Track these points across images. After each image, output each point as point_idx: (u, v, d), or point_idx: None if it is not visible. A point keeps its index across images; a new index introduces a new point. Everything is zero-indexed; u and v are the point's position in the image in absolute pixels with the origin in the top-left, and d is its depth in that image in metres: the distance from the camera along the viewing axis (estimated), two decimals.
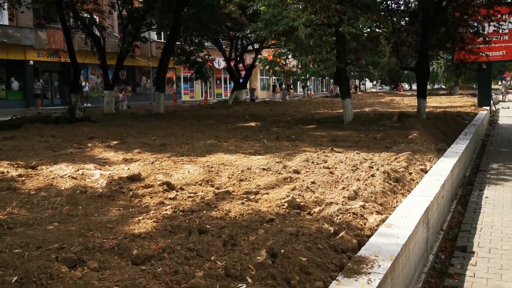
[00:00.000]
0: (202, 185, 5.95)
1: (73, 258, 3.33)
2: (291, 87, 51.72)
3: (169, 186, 5.67)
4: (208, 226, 4.09)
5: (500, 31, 18.28)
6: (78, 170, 6.67)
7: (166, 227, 4.03)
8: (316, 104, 30.21)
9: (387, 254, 3.44)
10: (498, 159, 10.78)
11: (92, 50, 20.84)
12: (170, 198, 5.24)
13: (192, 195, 5.35)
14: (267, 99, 41.27)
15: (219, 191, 5.52)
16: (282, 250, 3.39)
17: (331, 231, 3.95)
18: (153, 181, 6.05)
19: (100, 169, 6.87)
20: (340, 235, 3.90)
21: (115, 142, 10.32)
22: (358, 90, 62.29)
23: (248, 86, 40.69)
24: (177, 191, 5.54)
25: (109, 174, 6.46)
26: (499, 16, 16.06)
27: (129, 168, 7.03)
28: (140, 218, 4.39)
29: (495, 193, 7.52)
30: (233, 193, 5.50)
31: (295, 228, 3.91)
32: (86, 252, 3.45)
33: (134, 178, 6.14)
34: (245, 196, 5.26)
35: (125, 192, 5.44)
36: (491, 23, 17.06)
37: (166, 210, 4.69)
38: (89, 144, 10.09)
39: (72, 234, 3.92)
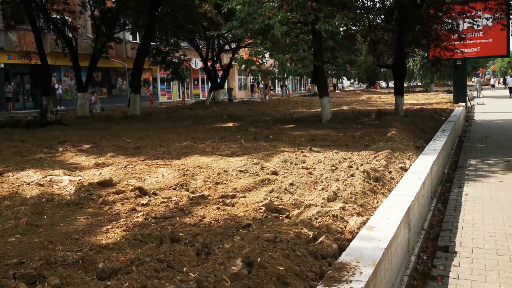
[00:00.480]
0: (177, 189, 5.71)
1: (32, 274, 3.07)
2: (271, 88, 51.60)
3: (142, 192, 5.42)
4: (181, 234, 3.87)
5: (475, 27, 18.45)
6: (46, 177, 6.34)
7: (136, 236, 3.80)
8: (294, 103, 30.14)
9: (368, 259, 3.28)
10: (475, 155, 10.80)
11: (64, 51, 20.29)
12: (142, 204, 4.99)
13: (165, 200, 5.11)
14: (246, 99, 41.06)
15: (194, 195, 5.30)
16: (259, 259, 3.19)
17: (310, 236, 3.77)
18: (125, 186, 5.78)
19: (69, 175, 6.56)
20: (319, 240, 3.73)
21: (88, 146, 9.98)
22: (336, 88, 62.61)
23: (226, 86, 40.43)
24: (150, 197, 5.30)
25: (79, 180, 6.17)
26: (473, 12, 16.20)
27: (100, 173, 6.74)
28: (109, 227, 4.14)
29: (475, 190, 7.47)
30: (209, 197, 5.28)
31: (273, 234, 3.72)
32: (47, 267, 3.19)
33: (105, 183, 5.87)
34: (221, 200, 5.05)
35: (94, 199, 5.17)
36: (466, 20, 17.21)
37: (137, 217, 4.46)
38: (60, 149, 9.72)
39: (34, 246, 3.66)
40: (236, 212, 4.58)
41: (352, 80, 75.02)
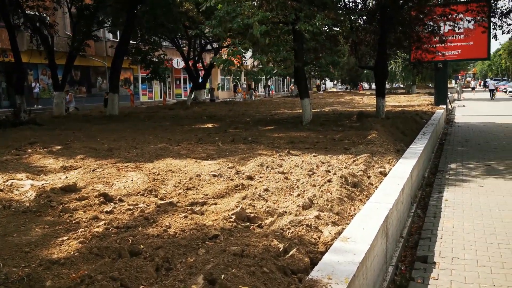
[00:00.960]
0: (145, 195, 5.42)
1: None
2: (255, 88, 51.34)
3: (106, 198, 5.11)
4: (142, 247, 3.58)
5: (456, 29, 18.47)
6: (7, 181, 6.00)
7: (92, 250, 3.49)
8: (276, 104, 29.95)
9: (341, 275, 3.04)
10: (456, 158, 10.69)
11: (39, 49, 19.72)
12: (106, 212, 4.69)
13: (131, 207, 4.81)
14: (228, 99, 40.77)
15: (162, 202, 5.01)
16: (223, 276, 2.93)
17: (281, 249, 3.52)
18: (90, 192, 5.46)
19: (32, 179, 6.22)
20: (290, 253, 3.48)
21: (58, 147, 9.59)
22: (319, 89, 62.66)
23: (208, 86, 40.06)
24: (115, 203, 4.99)
25: (42, 184, 5.83)
26: (455, 15, 16.18)
27: (66, 177, 6.41)
28: (65, 238, 3.84)
29: (455, 195, 7.31)
30: (178, 204, 5.00)
31: (240, 246, 3.46)
32: None
33: (69, 188, 5.54)
34: (189, 208, 4.77)
35: (54, 206, 4.84)
36: (447, 23, 17.20)
37: (98, 226, 4.15)
38: (29, 150, 9.33)
39: None
40: (205, 221, 4.31)
41: (335, 82, 75.25)
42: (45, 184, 5.83)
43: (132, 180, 6.06)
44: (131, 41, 22.93)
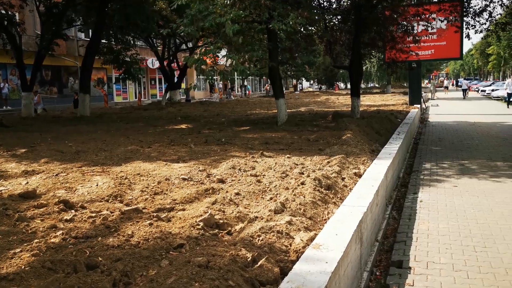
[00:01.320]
0: (109, 201, 5.14)
1: None
2: (232, 88, 51.06)
3: (67, 205, 4.81)
4: (100, 259, 3.32)
5: (429, 29, 18.62)
6: None
7: (45, 263, 3.22)
8: (252, 104, 29.77)
9: (313, 287, 2.86)
10: (430, 158, 10.69)
11: (5, 48, 19.05)
12: (66, 220, 4.40)
13: (93, 215, 4.54)
14: (204, 99, 40.40)
15: (127, 208, 4.74)
16: None
17: (249, 259, 3.32)
18: (50, 198, 5.15)
19: None
20: (259, 263, 3.28)
21: (23, 150, 9.17)
22: (297, 89, 62.75)
23: (184, 86, 39.60)
24: (76, 211, 4.71)
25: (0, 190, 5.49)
26: (428, 15, 16.28)
27: (27, 183, 6.06)
28: (17, 250, 3.54)
29: (429, 196, 7.24)
30: (144, 210, 4.75)
31: (206, 257, 3.25)
32: None
33: (28, 195, 5.22)
34: (155, 214, 4.52)
35: (10, 214, 4.53)
36: (420, 23, 17.32)
37: (55, 237, 3.87)
38: None
39: None
40: (171, 229, 4.07)
41: (311, 81, 75.54)
42: (3, 190, 5.50)
43: (97, 185, 5.77)
44: (103, 40, 22.42)
